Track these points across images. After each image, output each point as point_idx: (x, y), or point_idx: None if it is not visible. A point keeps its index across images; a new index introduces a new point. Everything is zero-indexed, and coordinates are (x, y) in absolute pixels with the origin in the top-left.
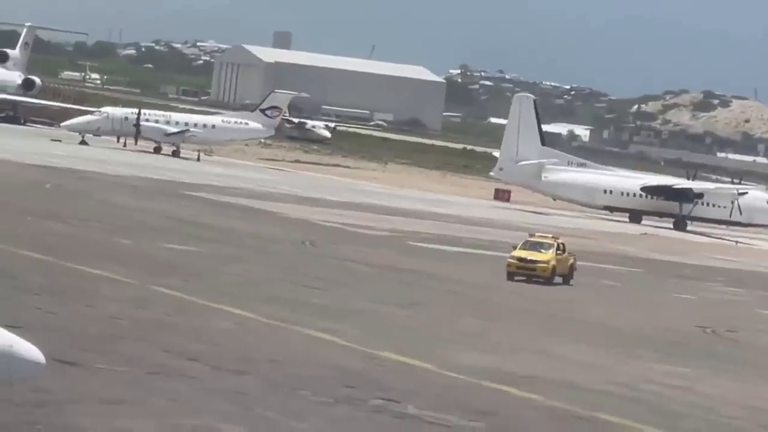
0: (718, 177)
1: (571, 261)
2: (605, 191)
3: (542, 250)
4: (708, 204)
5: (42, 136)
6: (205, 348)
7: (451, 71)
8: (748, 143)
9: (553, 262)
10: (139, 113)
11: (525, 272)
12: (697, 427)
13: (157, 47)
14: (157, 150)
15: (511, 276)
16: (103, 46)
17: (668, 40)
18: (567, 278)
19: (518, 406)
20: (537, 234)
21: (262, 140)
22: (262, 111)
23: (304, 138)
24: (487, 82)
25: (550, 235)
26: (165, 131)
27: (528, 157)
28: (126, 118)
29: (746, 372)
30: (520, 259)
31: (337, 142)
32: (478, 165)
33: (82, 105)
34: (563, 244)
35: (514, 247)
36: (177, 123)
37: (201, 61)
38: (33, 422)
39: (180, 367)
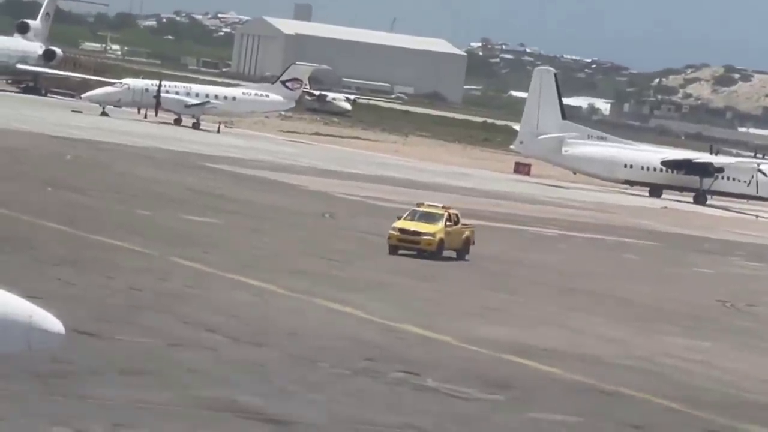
0: (739, 151)
1: (467, 234)
2: (625, 165)
3: (429, 222)
4: (728, 178)
5: (62, 107)
6: (224, 320)
7: (472, 44)
8: None
9: (440, 235)
10: (159, 85)
11: (408, 245)
12: (716, 400)
13: (177, 18)
14: (178, 122)
15: (393, 249)
16: (124, 17)
17: (690, 14)
18: (462, 253)
19: (537, 380)
20: (426, 203)
21: (283, 112)
22: (283, 83)
23: (325, 110)
24: (508, 56)
25: (440, 205)
26: (185, 103)
27: (548, 130)
28: (146, 90)
29: (766, 346)
30: (403, 231)
31: (357, 115)
32: (498, 138)
33: (103, 76)
34: (456, 214)
35: (399, 217)
36: (197, 95)
37: (222, 33)
38: (53, 393)
39: (199, 339)
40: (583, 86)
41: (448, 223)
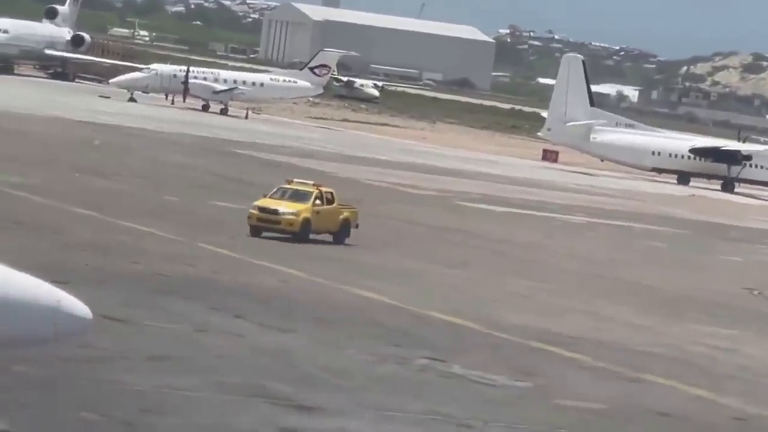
0: (767, 139)
1: (345, 215)
2: (653, 153)
3: (296, 200)
4: (756, 166)
5: (91, 92)
6: (251, 306)
7: (500, 31)
8: None
9: (305, 215)
10: (187, 71)
11: (268, 226)
12: (743, 388)
13: (206, 4)
14: (205, 108)
15: (254, 231)
16: (152, 3)
17: (718, 1)
18: (340, 236)
19: (565, 367)
20: (295, 180)
21: (310, 99)
22: (311, 69)
23: (353, 97)
24: (537, 43)
25: (311, 182)
26: (213, 89)
27: (576, 117)
28: (174, 76)
29: None
30: (263, 210)
31: (385, 102)
32: (526, 125)
33: (131, 62)
34: (332, 193)
35: (265, 195)
36: (225, 81)
37: (250, 19)
38: (80, 378)
39: (226, 325)
40: (612, 73)
41: (317, 202)
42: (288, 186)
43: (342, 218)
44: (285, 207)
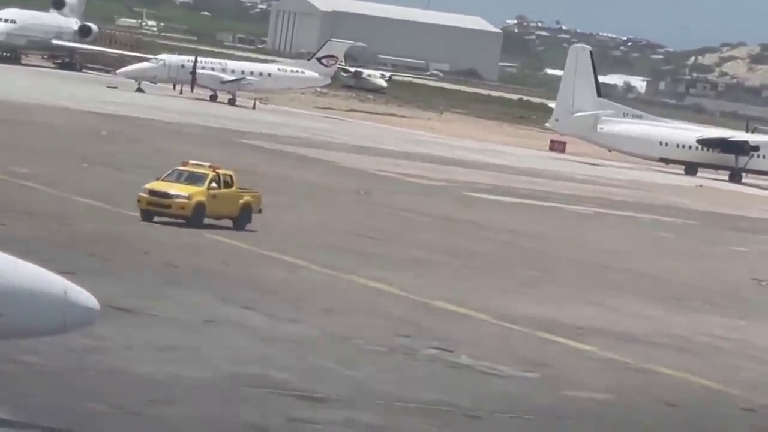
0: None
1: (246, 200)
2: (661, 143)
3: (191, 183)
4: (764, 157)
5: (98, 82)
6: (259, 296)
7: (507, 21)
8: None
9: (199, 198)
10: (195, 61)
11: (159, 210)
12: (751, 379)
13: None
14: (213, 98)
15: (145, 215)
16: None
17: None
18: (240, 222)
19: (572, 357)
20: (191, 162)
21: (318, 89)
22: (318, 60)
23: (360, 87)
24: (544, 33)
25: (208, 164)
26: (221, 79)
27: (584, 108)
28: (182, 66)
29: None
30: (153, 193)
31: (392, 92)
32: (534, 116)
33: (139, 52)
34: (231, 176)
35: (158, 178)
36: (233, 71)
37: (258, 9)
38: (88, 368)
39: (235, 315)
40: (619, 64)
41: (213, 186)
42: (183, 168)
43: (242, 203)
44: (177, 190)
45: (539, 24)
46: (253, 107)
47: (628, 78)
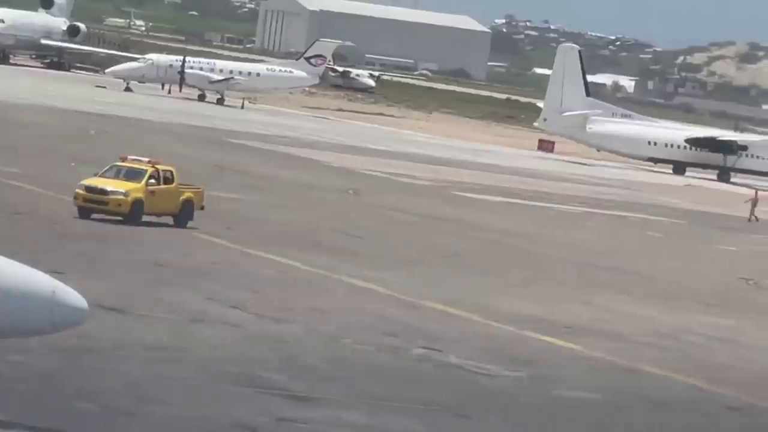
0: (764, 129)
1: (187, 196)
2: (649, 143)
3: (130, 179)
4: (752, 156)
5: (87, 82)
6: (247, 296)
7: (496, 21)
8: None
9: (136, 195)
10: (183, 60)
11: (96, 207)
12: (739, 378)
13: None
14: (202, 97)
15: (82, 213)
16: None
17: None
18: (181, 219)
19: (560, 357)
20: (129, 157)
21: (306, 89)
22: (307, 59)
23: (349, 87)
24: (533, 32)
25: (146, 159)
26: (209, 79)
27: (572, 107)
28: (171, 66)
29: None
30: (90, 189)
31: (381, 91)
32: (522, 115)
33: (127, 52)
34: (171, 171)
35: (96, 174)
36: (221, 71)
37: (246, 9)
38: (77, 368)
39: (223, 315)
40: (608, 63)
41: (152, 182)
42: (122, 164)
43: (183, 199)
44: (114, 186)
45: (528, 23)
46: (242, 107)
47: (616, 77)
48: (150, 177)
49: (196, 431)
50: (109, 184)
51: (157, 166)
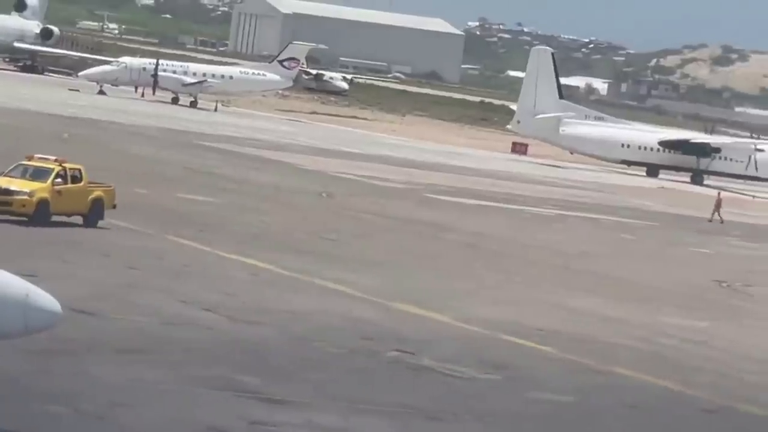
0: (736, 132)
1: (97, 194)
2: (623, 145)
3: (36, 179)
4: (725, 158)
5: (60, 85)
6: (221, 298)
7: (469, 24)
8: (766, 98)
9: (42, 195)
10: (156, 63)
11: (0, 207)
12: (713, 380)
13: None
14: (175, 100)
15: None
16: None
17: None
18: (91, 219)
19: (533, 359)
20: (36, 156)
21: (280, 91)
22: (280, 62)
23: (322, 89)
24: (506, 35)
25: (53, 158)
26: (182, 82)
27: (545, 110)
28: (144, 69)
29: (762, 326)
30: None
31: (354, 94)
32: (495, 118)
33: (100, 55)
34: (80, 170)
35: (2, 173)
36: (195, 74)
37: (219, 12)
38: (49, 371)
39: (196, 318)
40: (581, 66)
41: (58, 181)
42: (28, 163)
43: (92, 198)
44: (18, 186)
45: (501, 26)
46: (215, 110)
47: (589, 80)
48: (56, 176)
49: None
50: (14, 184)
51: (64, 165)
